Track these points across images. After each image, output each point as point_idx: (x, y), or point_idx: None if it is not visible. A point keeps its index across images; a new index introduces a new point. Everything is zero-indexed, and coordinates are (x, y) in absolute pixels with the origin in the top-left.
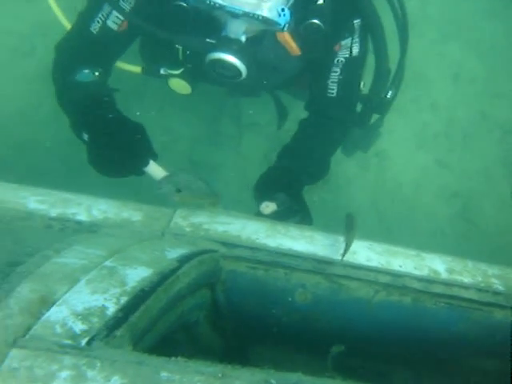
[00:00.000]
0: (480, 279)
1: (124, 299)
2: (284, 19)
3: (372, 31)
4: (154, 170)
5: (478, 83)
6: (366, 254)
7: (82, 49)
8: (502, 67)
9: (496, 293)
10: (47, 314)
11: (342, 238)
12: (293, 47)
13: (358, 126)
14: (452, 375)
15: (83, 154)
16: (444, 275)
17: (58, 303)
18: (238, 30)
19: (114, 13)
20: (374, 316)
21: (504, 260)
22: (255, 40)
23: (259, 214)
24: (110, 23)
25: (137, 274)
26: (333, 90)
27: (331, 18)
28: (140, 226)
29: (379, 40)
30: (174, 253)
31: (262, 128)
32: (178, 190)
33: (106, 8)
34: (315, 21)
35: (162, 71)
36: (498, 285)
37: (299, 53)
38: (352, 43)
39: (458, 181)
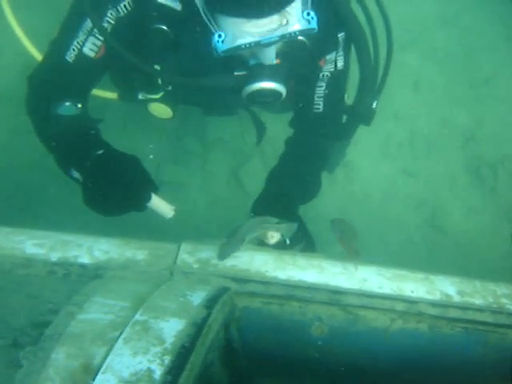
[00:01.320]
0: (491, 300)
1: (167, 359)
2: (314, 21)
3: (357, 44)
4: (158, 204)
5: (438, 91)
6: (377, 280)
7: (58, 79)
8: (460, 74)
9: (510, 313)
10: None
11: (347, 261)
12: None
13: (344, 138)
14: None
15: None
16: (456, 298)
17: (102, 370)
18: (272, 55)
19: (91, 39)
20: (391, 345)
21: (474, 266)
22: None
23: (262, 244)
24: (86, 50)
25: (171, 328)
26: (319, 105)
27: (315, 33)
28: (145, 265)
29: (364, 52)
30: (196, 297)
31: (226, 144)
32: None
33: (82, 35)
34: (300, 38)
35: (140, 96)
36: (509, 305)
37: None
38: (336, 57)
39: (424, 189)
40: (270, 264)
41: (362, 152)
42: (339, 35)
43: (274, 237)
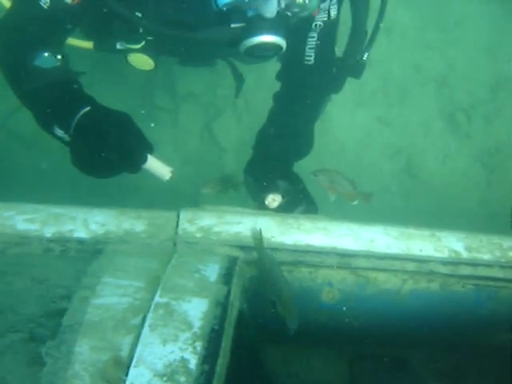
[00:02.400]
0: (499, 254)
1: (199, 345)
2: None
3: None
4: (155, 165)
5: (409, 36)
6: (384, 240)
7: (33, 27)
8: (431, 19)
9: None
10: (129, 381)
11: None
12: None
13: (334, 91)
14: (481, 353)
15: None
16: (465, 254)
17: (133, 363)
18: (274, 8)
19: None
20: (403, 306)
21: (450, 213)
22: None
23: (262, 207)
24: None
25: (196, 309)
26: (310, 57)
27: None
28: (146, 236)
29: (362, 3)
30: (210, 271)
31: (197, 98)
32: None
33: None
34: None
35: (118, 46)
36: None
37: None
38: (330, 5)
39: (399, 137)
40: (275, 229)
41: (336, 101)
42: None
43: (275, 200)
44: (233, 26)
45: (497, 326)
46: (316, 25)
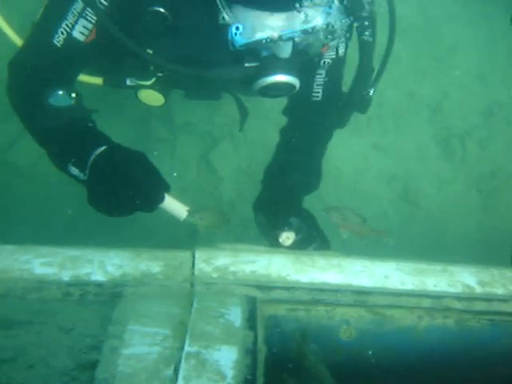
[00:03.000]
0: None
1: None
2: (338, 10)
3: (364, 32)
4: (171, 204)
5: (403, 64)
6: (397, 276)
7: (46, 65)
8: (424, 47)
9: None
10: None
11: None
12: None
13: (340, 126)
14: None
15: None
16: (478, 289)
17: None
18: (288, 49)
19: (81, 21)
20: (419, 343)
21: (448, 238)
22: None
23: (276, 245)
24: (76, 34)
25: (226, 358)
26: (318, 93)
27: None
28: (163, 278)
29: (369, 41)
30: (234, 316)
31: (195, 127)
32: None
33: (71, 17)
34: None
35: (128, 82)
36: None
37: None
38: (339, 43)
39: (395, 163)
40: (290, 267)
41: None
42: (343, 20)
43: (289, 238)
44: (247, 65)
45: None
46: (324, 62)
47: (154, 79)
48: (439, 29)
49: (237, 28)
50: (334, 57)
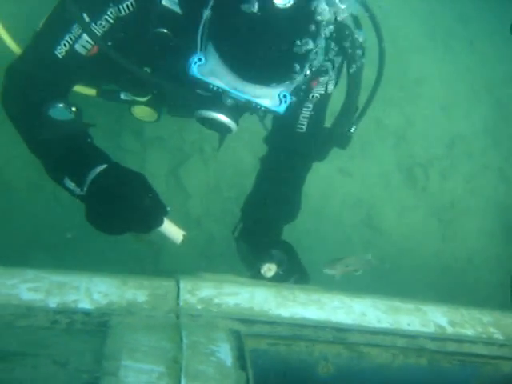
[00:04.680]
0: (480, 330)
1: None
2: (284, 106)
3: (353, 74)
4: (169, 229)
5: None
6: (374, 314)
7: (46, 76)
8: (392, 76)
9: (501, 345)
10: None
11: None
12: None
13: (319, 159)
14: None
15: None
16: (449, 330)
17: None
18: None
19: (85, 36)
20: (393, 381)
21: (410, 262)
22: None
23: (256, 275)
24: (78, 47)
25: None
26: (303, 125)
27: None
28: (149, 307)
29: (357, 80)
30: (223, 353)
31: (165, 142)
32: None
33: (76, 30)
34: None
35: (122, 96)
36: (496, 334)
37: None
38: (329, 80)
39: (360, 188)
40: (271, 301)
41: None
42: (336, 60)
43: (271, 269)
44: (198, 91)
45: None
46: (313, 96)
47: (149, 96)
48: (407, 59)
49: (199, 59)
50: (322, 92)
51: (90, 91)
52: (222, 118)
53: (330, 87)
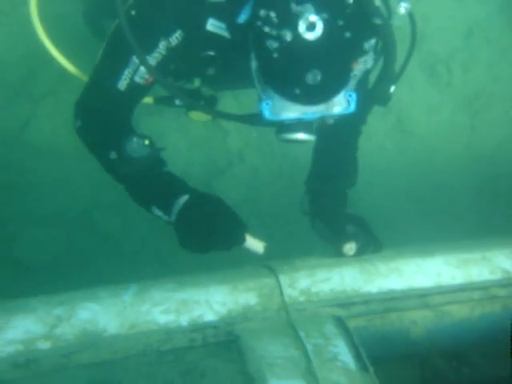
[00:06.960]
0: None
1: None
2: (353, 105)
3: (387, 48)
4: (251, 243)
5: None
6: (447, 271)
7: (114, 110)
8: None
9: None
10: None
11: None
12: None
13: (361, 122)
14: None
15: None
16: None
17: None
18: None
19: (142, 69)
20: (473, 331)
21: (443, 158)
22: None
23: (339, 254)
24: (137, 79)
25: None
26: None
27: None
28: (262, 309)
29: (391, 54)
30: (343, 354)
31: None
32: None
33: (133, 63)
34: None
35: (177, 102)
36: None
37: None
38: (367, 59)
39: None
40: (359, 278)
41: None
42: (372, 41)
43: (352, 248)
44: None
45: None
46: (355, 75)
47: (202, 102)
48: None
49: (266, 103)
50: (362, 69)
51: (148, 99)
52: (301, 136)
53: (370, 64)
